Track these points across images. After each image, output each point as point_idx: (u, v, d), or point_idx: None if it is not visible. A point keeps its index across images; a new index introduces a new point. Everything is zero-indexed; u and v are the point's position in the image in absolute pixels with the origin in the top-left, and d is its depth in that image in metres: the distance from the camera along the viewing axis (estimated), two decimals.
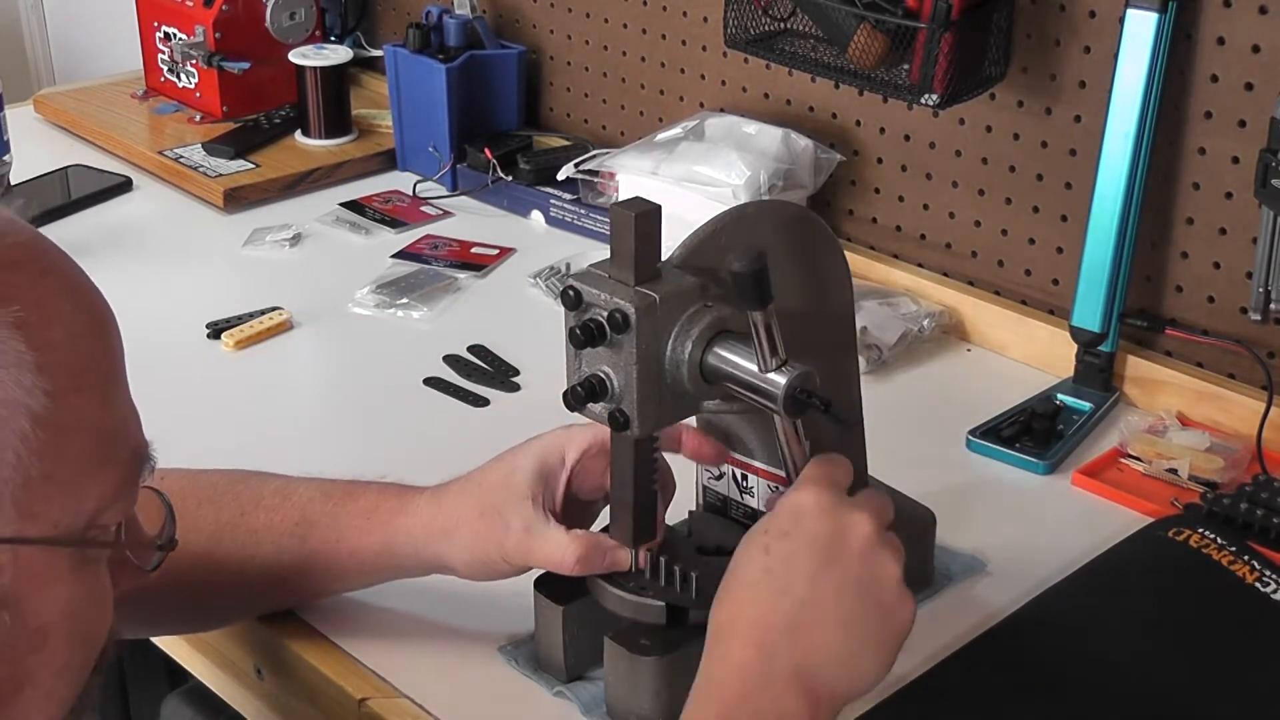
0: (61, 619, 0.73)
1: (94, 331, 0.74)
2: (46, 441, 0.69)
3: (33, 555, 0.70)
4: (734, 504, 1.12)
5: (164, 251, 1.81)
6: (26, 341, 0.69)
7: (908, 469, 1.25)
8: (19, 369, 0.68)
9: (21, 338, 0.69)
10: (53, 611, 0.73)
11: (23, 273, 0.71)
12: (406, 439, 1.43)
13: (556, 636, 1.07)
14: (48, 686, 0.74)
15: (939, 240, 1.67)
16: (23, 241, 0.73)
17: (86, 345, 0.73)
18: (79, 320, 0.73)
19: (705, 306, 0.98)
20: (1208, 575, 1.18)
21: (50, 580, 0.72)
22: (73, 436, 0.71)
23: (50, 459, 0.70)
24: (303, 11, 2.15)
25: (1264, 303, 1.39)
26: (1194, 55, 1.40)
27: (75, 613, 0.74)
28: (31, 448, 0.69)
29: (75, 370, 0.72)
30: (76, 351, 0.72)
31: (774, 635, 0.90)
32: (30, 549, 0.70)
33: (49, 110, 2.19)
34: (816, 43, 1.56)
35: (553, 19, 2.02)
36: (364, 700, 1.08)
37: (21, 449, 0.68)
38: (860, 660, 0.91)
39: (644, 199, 0.97)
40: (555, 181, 1.86)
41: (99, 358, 0.74)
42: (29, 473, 0.69)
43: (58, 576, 0.72)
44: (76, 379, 0.72)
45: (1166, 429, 1.40)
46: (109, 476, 0.74)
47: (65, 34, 3.26)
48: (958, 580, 1.20)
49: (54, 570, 0.72)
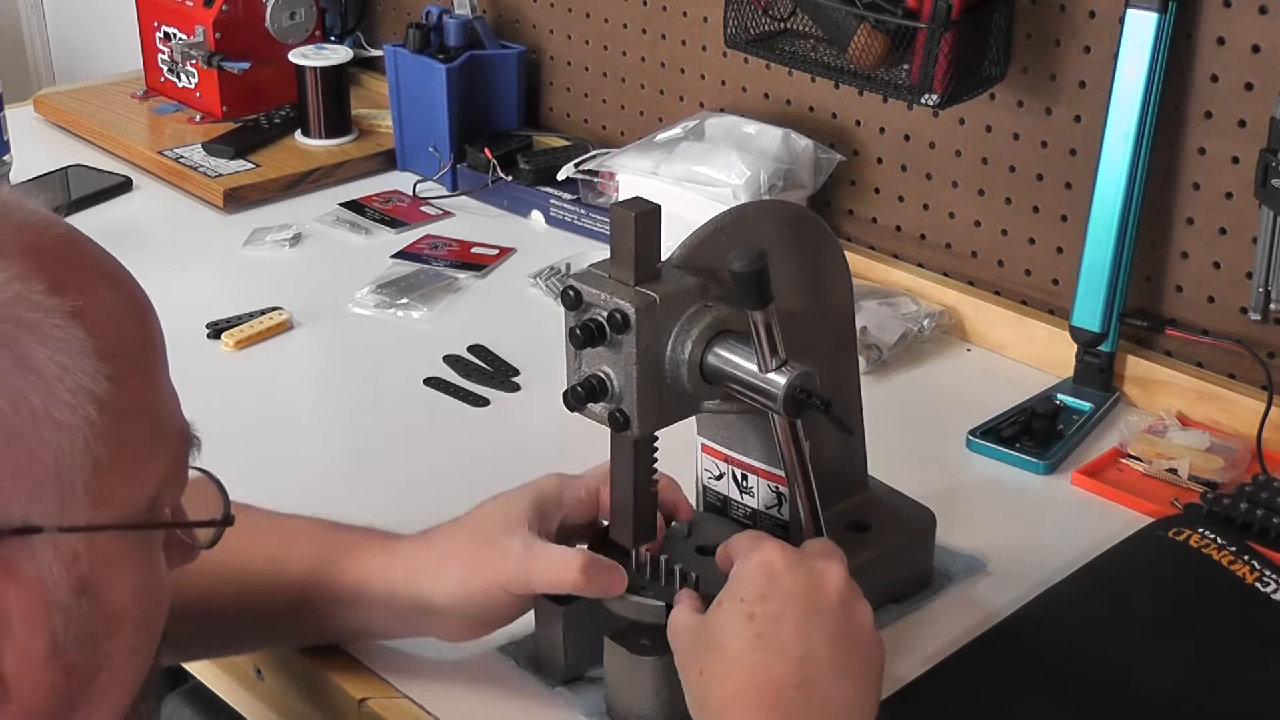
0: (132, 603, 0.74)
1: (140, 316, 0.76)
2: (111, 426, 0.70)
3: (106, 541, 0.72)
4: (734, 504, 1.12)
5: (164, 251, 1.81)
6: (86, 329, 0.70)
7: (908, 469, 1.25)
8: (83, 356, 0.70)
9: (81, 326, 0.70)
10: (125, 596, 0.74)
11: (70, 262, 0.73)
12: (406, 439, 1.43)
13: (556, 636, 1.07)
14: (121, 671, 0.75)
15: (939, 240, 1.67)
16: (63, 233, 0.74)
17: (135, 330, 0.75)
18: (126, 306, 0.75)
19: (705, 306, 0.98)
20: (1208, 575, 1.18)
21: (122, 565, 0.73)
22: (133, 420, 0.72)
23: (115, 443, 0.71)
24: (303, 11, 2.15)
25: (1264, 303, 1.39)
26: (1194, 55, 1.40)
27: (143, 596, 0.75)
28: (99, 433, 0.70)
29: (130, 354, 0.73)
30: (128, 336, 0.74)
31: (787, 695, 0.90)
32: (103, 535, 0.71)
33: (49, 110, 2.19)
34: (816, 43, 1.56)
35: (553, 19, 2.02)
36: (364, 700, 1.08)
37: (90, 435, 0.70)
38: (861, 703, 0.92)
39: (644, 199, 0.97)
40: (555, 181, 1.86)
41: (147, 341, 0.76)
42: (98, 458, 0.70)
43: (127, 561, 0.74)
44: (132, 362, 0.73)
45: (1166, 429, 1.40)
46: (164, 458, 0.75)
47: (65, 34, 3.26)
48: (958, 580, 1.20)
49: (124, 555, 0.73)
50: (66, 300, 0.70)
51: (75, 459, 0.69)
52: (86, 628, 0.72)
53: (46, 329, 0.69)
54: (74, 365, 0.69)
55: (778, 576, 0.94)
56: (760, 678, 0.90)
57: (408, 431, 1.44)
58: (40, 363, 0.68)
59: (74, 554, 0.70)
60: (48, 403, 0.68)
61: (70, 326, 0.70)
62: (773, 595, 0.93)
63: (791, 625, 0.92)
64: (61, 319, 0.69)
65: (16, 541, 0.68)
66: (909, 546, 1.17)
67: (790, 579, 0.93)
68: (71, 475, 0.69)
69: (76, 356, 0.69)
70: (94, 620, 0.72)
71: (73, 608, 0.71)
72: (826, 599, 0.93)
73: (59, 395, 0.69)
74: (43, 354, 0.68)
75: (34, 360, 0.68)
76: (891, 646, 1.11)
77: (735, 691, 0.91)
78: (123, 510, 0.73)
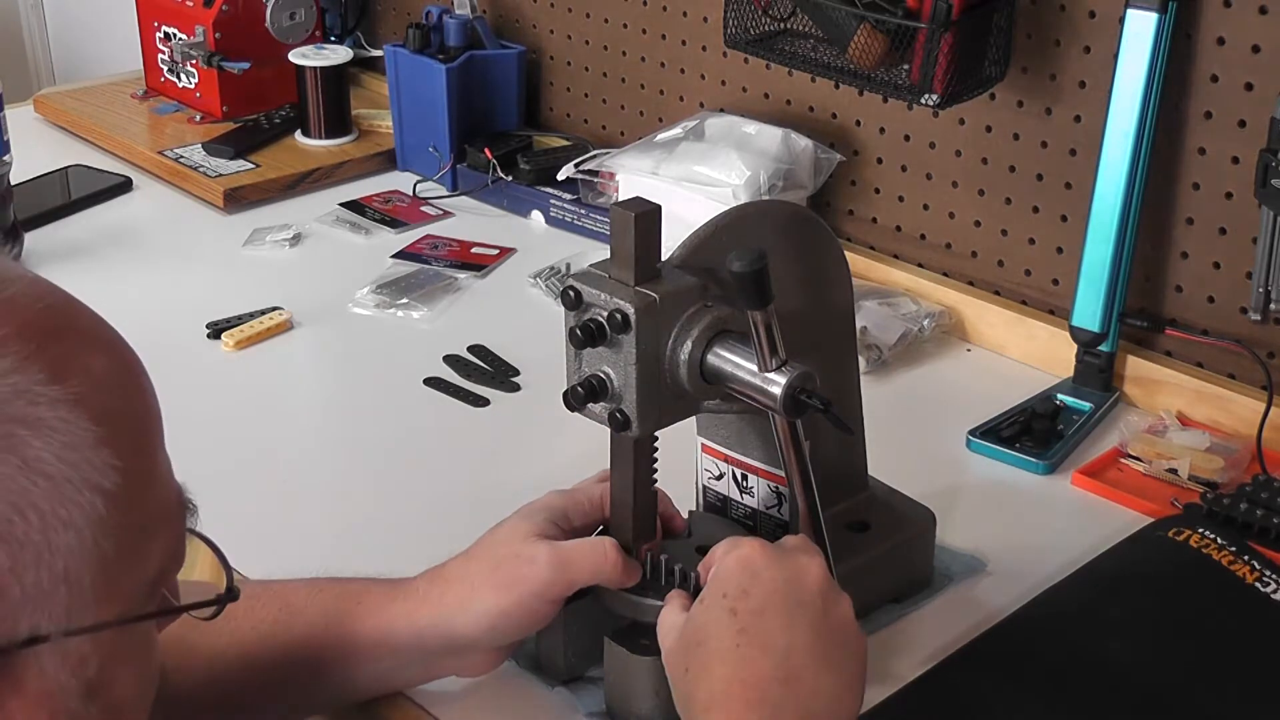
0: (135, 695, 0.71)
1: (136, 388, 0.71)
2: (117, 519, 0.66)
3: (112, 637, 0.68)
4: (734, 504, 1.12)
5: (164, 251, 1.81)
6: (90, 417, 0.65)
7: (908, 469, 1.25)
8: (89, 449, 0.65)
9: (86, 415, 0.65)
10: (130, 690, 0.70)
11: (68, 341, 0.67)
12: (406, 439, 1.43)
13: (557, 636, 1.07)
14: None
15: (939, 240, 1.67)
16: (56, 305, 0.69)
17: (134, 405, 0.70)
18: (127, 380, 0.70)
19: (705, 306, 0.98)
20: (1208, 575, 1.18)
21: (126, 659, 0.69)
22: (138, 507, 0.68)
23: (120, 535, 0.66)
24: (303, 11, 2.15)
25: (1264, 303, 1.39)
26: (1194, 55, 1.40)
27: (145, 685, 0.72)
28: (105, 529, 0.66)
29: (134, 435, 0.69)
30: (130, 414, 0.69)
31: (772, 690, 0.89)
32: (109, 631, 0.67)
33: (49, 110, 2.19)
34: (816, 43, 1.56)
35: (553, 19, 2.02)
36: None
37: (98, 532, 0.65)
38: (846, 696, 0.92)
39: (644, 199, 0.97)
40: (555, 181, 1.86)
41: (147, 415, 0.71)
42: (104, 554, 0.66)
43: (131, 653, 0.70)
44: (136, 444, 0.69)
45: (1166, 429, 1.40)
46: (166, 535, 0.71)
47: (65, 34, 3.26)
48: (958, 580, 1.20)
49: (128, 647, 0.70)
50: (68, 388, 0.65)
51: (83, 559, 0.65)
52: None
53: (51, 423, 0.64)
54: (80, 459, 0.65)
55: (758, 572, 0.94)
56: (745, 674, 0.90)
57: (408, 431, 1.44)
58: (46, 463, 0.63)
59: (81, 657, 0.66)
60: (55, 504, 0.64)
61: (75, 418, 0.65)
62: (754, 590, 0.93)
63: (774, 619, 0.91)
64: (65, 410, 0.64)
65: (24, 654, 0.64)
66: (909, 546, 1.17)
67: (770, 573, 0.93)
68: (80, 577, 0.65)
69: (82, 449, 0.65)
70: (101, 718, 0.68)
71: (80, 714, 0.67)
72: (808, 592, 0.93)
73: (66, 494, 0.64)
74: (48, 453, 0.64)
75: (40, 461, 0.63)
76: (891, 646, 1.12)
77: (721, 688, 0.90)
78: (128, 602, 0.68)
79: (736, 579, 0.94)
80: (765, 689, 0.89)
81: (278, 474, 1.37)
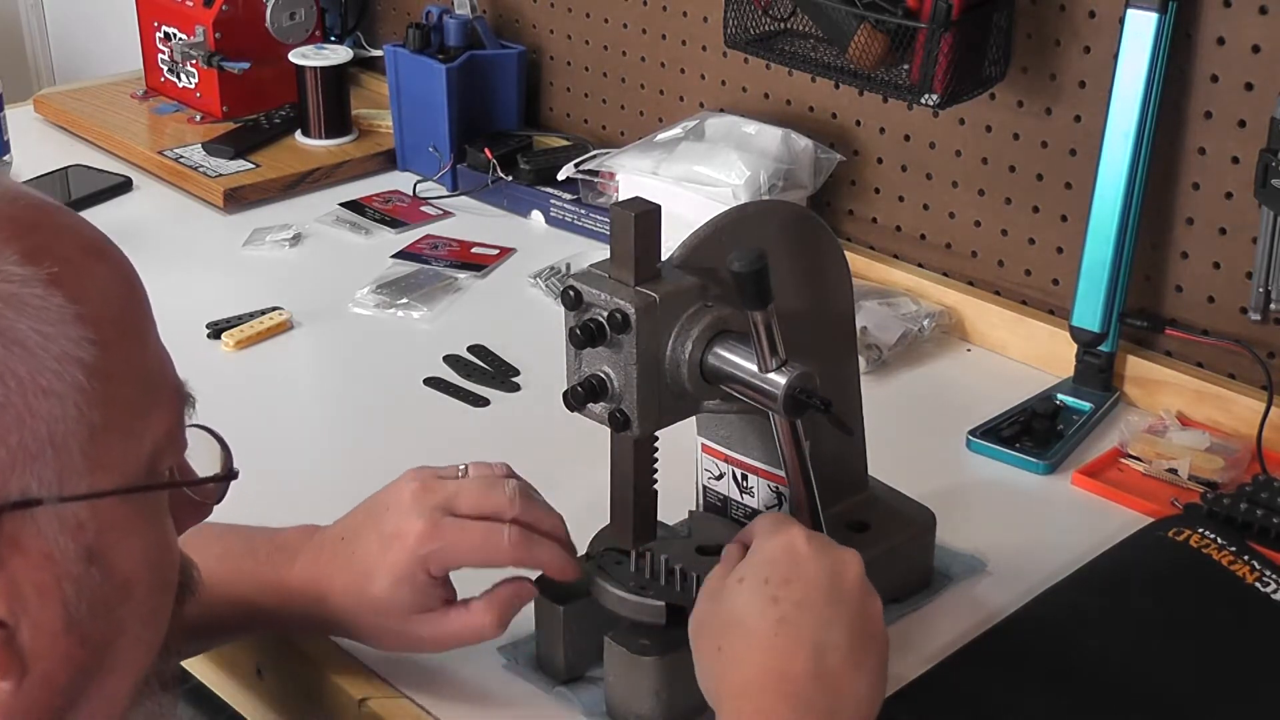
0: (143, 567, 0.75)
1: (122, 279, 0.76)
2: (101, 390, 0.70)
3: (110, 507, 0.72)
4: (734, 504, 1.12)
5: (164, 251, 1.81)
6: (65, 295, 0.70)
7: (908, 469, 1.25)
8: (64, 323, 0.70)
9: (60, 293, 0.70)
10: (134, 561, 0.74)
11: (44, 231, 0.72)
12: (406, 439, 1.42)
13: (556, 636, 1.07)
14: (136, 633, 0.76)
15: (939, 240, 1.67)
16: (35, 203, 0.74)
17: (118, 292, 0.75)
18: (107, 270, 0.75)
19: (705, 306, 0.98)
20: (1208, 575, 1.18)
21: (128, 530, 0.73)
22: (123, 382, 0.72)
23: (107, 407, 0.71)
24: (303, 11, 2.15)
25: (1264, 303, 1.39)
26: (1194, 55, 1.40)
27: (152, 559, 0.76)
28: (89, 399, 0.70)
29: (114, 317, 0.73)
30: (111, 299, 0.74)
31: (802, 686, 0.89)
32: (107, 501, 0.71)
33: (49, 110, 2.19)
34: (816, 43, 1.56)
35: (553, 19, 2.02)
36: (364, 700, 1.08)
37: (81, 401, 0.70)
38: (871, 696, 0.92)
39: (644, 199, 0.97)
40: (555, 181, 1.86)
41: (132, 303, 0.76)
42: (92, 424, 0.70)
43: (133, 525, 0.74)
44: (117, 325, 0.73)
45: (1166, 429, 1.40)
46: (160, 417, 0.75)
47: (65, 34, 3.26)
48: (958, 580, 1.20)
49: (130, 519, 0.73)
50: (42, 268, 0.70)
51: (68, 426, 0.69)
52: (99, 596, 0.72)
53: (25, 298, 0.69)
54: (56, 333, 0.69)
55: (802, 561, 0.93)
56: (780, 665, 0.90)
57: (408, 431, 1.44)
58: (22, 333, 0.68)
59: (78, 523, 0.70)
60: (34, 372, 0.68)
61: (49, 294, 0.70)
62: (797, 580, 0.92)
63: (814, 613, 0.91)
64: (40, 287, 0.69)
65: (19, 515, 0.68)
66: (909, 546, 1.17)
67: (814, 565, 0.93)
68: (67, 443, 0.69)
69: (58, 324, 0.69)
70: (106, 588, 0.72)
71: (83, 577, 0.71)
72: (848, 588, 0.93)
73: (44, 364, 0.69)
74: (23, 324, 0.68)
75: (15, 332, 0.68)
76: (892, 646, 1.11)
77: (754, 675, 0.90)
78: (123, 474, 0.73)
79: (780, 566, 0.93)
80: (799, 684, 0.89)
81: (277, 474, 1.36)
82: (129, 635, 0.75)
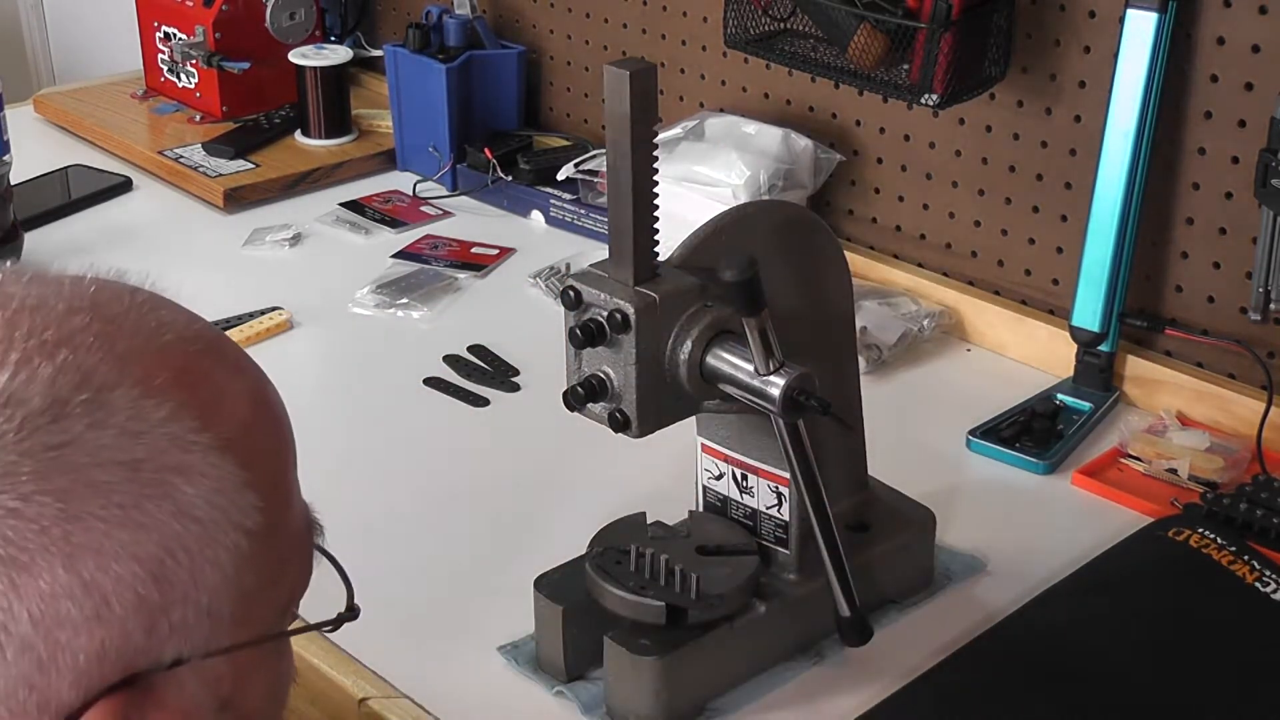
0: (266, 702, 0.74)
1: (276, 424, 0.74)
2: (258, 554, 0.69)
3: (246, 655, 0.71)
4: (734, 504, 1.12)
5: (164, 251, 1.81)
6: (237, 462, 0.68)
7: (908, 469, 1.25)
8: (235, 492, 0.67)
9: (232, 460, 0.68)
10: (259, 698, 0.73)
11: (217, 385, 0.70)
12: (406, 439, 1.43)
13: (556, 636, 1.07)
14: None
15: (939, 240, 1.67)
16: (206, 346, 0.71)
17: (274, 443, 0.73)
18: (266, 418, 0.73)
19: (705, 306, 0.98)
20: (1208, 575, 1.18)
21: (258, 671, 0.72)
22: (276, 540, 0.71)
23: (260, 568, 0.69)
24: (303, 11, 2.15)
25: (1264, 303, 1.39)
26: (1194, 55, 1.40)
27: (276, 693, 0.75)
28: (248, 564, 0.68)
29: (275, 474, 0.72)
30: (272, 453, 0.72)
31: None
32: (244, 651, 0.70)
33: (49, 110, 2.19)
34: (816, 43, 1.56)
35: (553, 19, 2.02)
36: (364, 700, 1.08)
37: (241, 566, 0.68)
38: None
39: (636, 59, 0.96)
40: (555, 181, 1.86)
41: (286, 451, 0.74)
42: (244, 587, 0.68)
43: (263, 666, 0.73)
44: (276, 482, 0.71)
45: (1166, 429, 1.40)
46: (300, 561, 0.75)
47: (65, 34, 3.26)
48: (958, 580, 1.20)
49: (261, 662, 0.72)
50: (218, 434, 0.67)
51: (225, 593, 0.68)
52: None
53: (201, 469, 0.66)
54: (228, 503, 0.67)
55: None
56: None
57: (408, 431, 1.44)
58: (197, 508, 0.66)
59: (217, 676, 0.69)
60: (203, 546, 0.66)
61: (223, 463, 0.67)
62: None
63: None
64: (215, 456, 0.67)
65: (165, 674, 0.67)
66: (909, 546, 1.17)
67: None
68: (220, 609, 0.68)
69: (229, 493, 0.67)
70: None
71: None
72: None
73: (214, 537, 0.67)
74: (199, 498, 0.66)
75: (191, 507, 0.66)
76: (892, 646, 1.12)
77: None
78: (263, 623, 0.72)
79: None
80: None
81: None
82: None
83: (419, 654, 1.12)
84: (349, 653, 1.12)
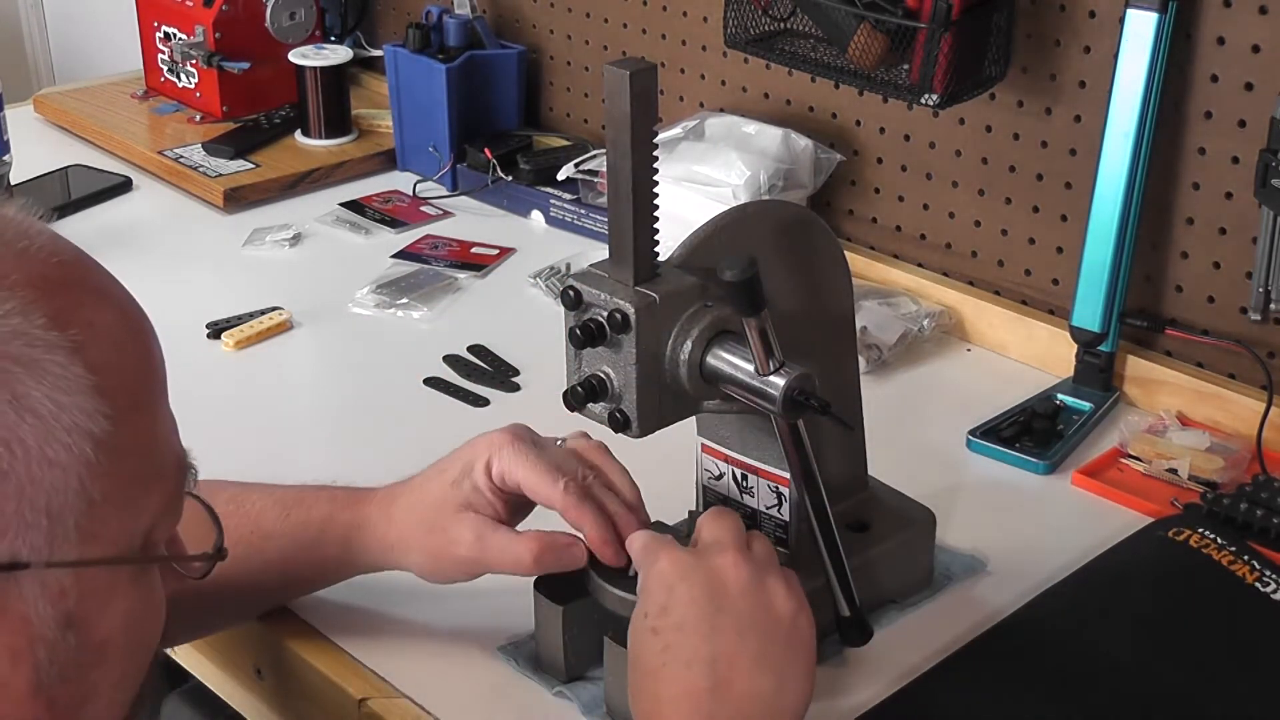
0: (120, 632, 0.74)
1: (143, 347, 0.74)
2: (107, 464, 0.69)
3: (95, 575, 0.71)
4: (734, 504, 1.12)
5: (164, 251, 1.81)
6: (86, 365, 0.69)
7: (908, 469, 1.25)
8: (81, 394, 0.68)
9: (81, 362, 0.68)
10: (112, 626, 0.73)
11: (75, 293, 0.71)
12: (406, 439, 1.42)
13: (556, 636, 1.07)
14: (108, 697, 0.75)
15: (939, 240, 1.67)
16: (68, 260, 0.73)
17: (137, 362, 0.73)
18: (129, 337, 0.73)
19: (705, 306, 0.98)
20: (1208, 575, 1.18)
21: (110, 597, 0.72)
22: (129, 457, 0.71)
23: (110, 481, 0.70)
24: (303, 11, 2.15)
25: (1264, 303, 1.39)
26: (1194, 55, 1.40)
27: (132, 625, 0.75)
28: (94, 472, 0.69)
29: (130, 389, 0.72)
30: (129, 369, 0.72)
31: (702, 702, 0.90)
32: (92, 569, 0.70)
33: (49, 110, 2.19)
34: (816, 43, 1.56)
35: (553, 19, 2.02)
36: (364, 700, 1.08)
37: (85, 473, 0.68)
38: (788, 688, 0.92)
39: (636, 58, 0.96)
40: (555, 181, 1.86)
41: (149, 374, 0.74)
42: (91, 496, 0.69)
43: (117, 592, 0.73)
44: (132, 398, 0.72)
45: (1166, 429, 1.40)
46: (161, 491, 0.74)
47: (65, 34, 3.26)
48: (958, 580, 1.20)
49: (114, 587, 0.72)
50: (67, 334, 0.68)
51: (68, 498, 0.68)
52: (72, 660, 0.71)
53: (46, 365, 0.67)
54: (71, 403, 0.68)
55: (674, 585, 0.93)
56: (673, 691, 0.90)
57: (408, 431, 1.44)
58: (37, 401, 0.67)
59: (61, 589, 0.69)
60: (42, 442, 0.67)
61: (70, 363, 0.68)
62: (672, 605, 0.93)
63: (694, 631, 0.91)
64: (63, 355, 0.68)
65: (3, 578, 0.67)
66: (909, 546, 1.17)
67: (686, 586, 0.93)
68: (63, 513, 0.68)
69: (75, 394, 0.68)
70: (80, 652, 0.71)
71: (58, 642, 0.70)
72: (726, 593, 0.93)
73: (55, 434, 0.67)
74: (40, 392, 0.67)
75: (31, 399, 0.67)
76: (891, 646, 1.12)
77: (649, 705, 0.91)
78: (115, 545, 0.71)
79: (655, 596, 0.94)
80: (696, 701, 0.89)
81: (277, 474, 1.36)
82: (100, 699, 0.74)
83: (419, 654, 1.12)
84: (349, 653, 1.12)
